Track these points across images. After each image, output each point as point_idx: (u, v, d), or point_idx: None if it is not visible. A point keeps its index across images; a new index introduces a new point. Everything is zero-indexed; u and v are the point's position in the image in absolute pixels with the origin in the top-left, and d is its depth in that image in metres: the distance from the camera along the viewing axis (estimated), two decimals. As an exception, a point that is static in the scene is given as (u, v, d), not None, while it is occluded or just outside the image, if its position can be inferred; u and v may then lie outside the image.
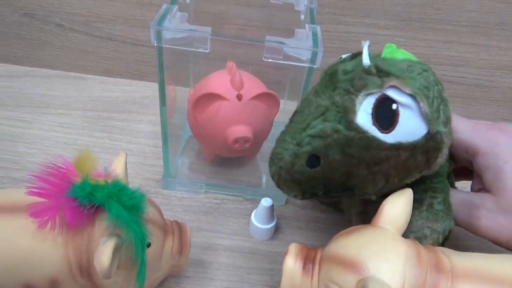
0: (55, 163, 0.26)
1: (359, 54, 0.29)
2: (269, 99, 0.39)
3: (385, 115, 0.25)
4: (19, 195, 0.26)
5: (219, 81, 0.39)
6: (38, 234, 0.25)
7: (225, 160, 0.46)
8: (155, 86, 0.58)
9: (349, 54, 0.31)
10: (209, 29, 0.31)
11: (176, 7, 0.34)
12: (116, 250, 0.25)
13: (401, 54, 0.28)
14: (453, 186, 0.34)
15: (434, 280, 0.24)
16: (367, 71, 0.26)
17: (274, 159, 0.30)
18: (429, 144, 0.26)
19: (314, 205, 0.43)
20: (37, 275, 0.25)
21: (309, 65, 0.31)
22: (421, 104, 0.25)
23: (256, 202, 0.42)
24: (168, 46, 0.31)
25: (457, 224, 0.31)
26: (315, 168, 0.28)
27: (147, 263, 0.27)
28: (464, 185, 0.35)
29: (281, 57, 0.31)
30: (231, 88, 0.38)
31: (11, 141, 0.46)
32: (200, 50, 0.31)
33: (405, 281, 0.24)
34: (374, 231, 0.27)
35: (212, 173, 0.45)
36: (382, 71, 0.26)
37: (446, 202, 0.30)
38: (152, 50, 0.56)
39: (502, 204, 0.28)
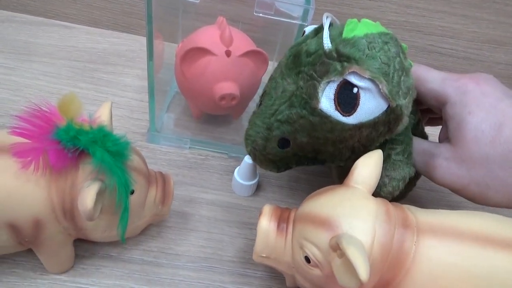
0: (40, 106, 0.26)
1: (322, 29, 0.29)
2: (258, 57, 0.39)
3: (347, 99, 0.26)
4: (2, 136, 0.26)
5: (208, 36, 0.39)
6: (21, 174, 0.25)
7: (211, 117, 0.46)
8: (142, 39, 0.57)
9: (313, 28, 0.30)
10: (200, -22, 0.30)
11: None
12: (99, 194, 0.25)
13: (363, 28, 0.27)
14: (423, 133, 0.36)
15: (401, 235, 0.25)
16: (328, 55, 0.27)
17: (248, 140, 0.32)
18: (390, 116, 0.27)
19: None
20: (20, 214, 0.26)
21: (300, 22, 0.31)
22: (380, 86, 0.26)
23: (240, 160, 0.43)
24: (157, -7, 0.30)
25: (417, 171, 0.32)
26: (286, 148, 0.31)
27: (130, 209, 0.28)
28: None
29: (272, 12, 0.30)
30: (220, 44, 0.38)
31: (-7, 87, 0.45)
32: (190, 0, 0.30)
33: (375, 237, 0.25)
34: (346, 190, 0.28)
35: (197, 129, 0.45)
36: (342, 55, 0.26)
37: (406, 152, 0.31)
38: (140, 1, 0.54)
39: (458, 154, 0.29)
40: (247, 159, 0.38)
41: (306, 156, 0.31)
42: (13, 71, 0.47)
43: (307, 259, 0.26)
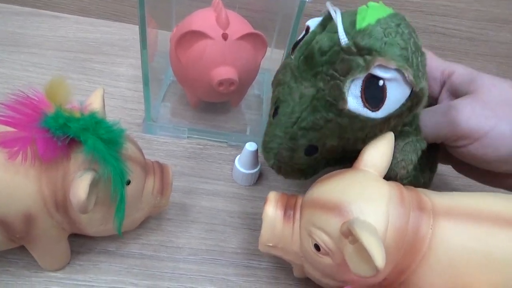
0: (26, 92, 0.24)
1: (328, 21, 0.27)
2: (256, 40, 0.37)
3: (374, 94, 0.25)
4: (-14, 125, 0.24)
5: (204, 19, 0.37)
6: (9, 166, 0.24)
7: (209, 105, 0.45)
8: (135, 28, 0.55)
9: (317, 21, 0.28)
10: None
11: None
12: (93, 185, 0.24)
13: (373, 14, 0.25)
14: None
15: (416, 218, 0.24)
16: (347, 51, 0.25)
17: (269, 153, 0.30)
18: (413, 101, 0.26)
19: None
20: (10, 209, 0.24)
21: (300, -1, 0.29)
22: (406, 74, 0.24)
23: (240, 148, 0.41)
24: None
25: (441, 136, 0.30)
26: (314, 155, 0.29)
27: (127, 201, 0.26)
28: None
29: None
30: (217, 27, 0.36)
31: (-20, 80, 0.43)
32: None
33: (389, 221, 0.23)
34: (356, 174, 0.26)
35: (195, 118, 0.44)
36: (363, 49, 0.24)
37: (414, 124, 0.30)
38: (132, -12, 0.52)
39: (480, 97, 0.28)
40: (248, 147, 0.36)
41: (334, 158, 0.30)
42: (2, 63, 0.45)
43: (317, 247, 0.25)
